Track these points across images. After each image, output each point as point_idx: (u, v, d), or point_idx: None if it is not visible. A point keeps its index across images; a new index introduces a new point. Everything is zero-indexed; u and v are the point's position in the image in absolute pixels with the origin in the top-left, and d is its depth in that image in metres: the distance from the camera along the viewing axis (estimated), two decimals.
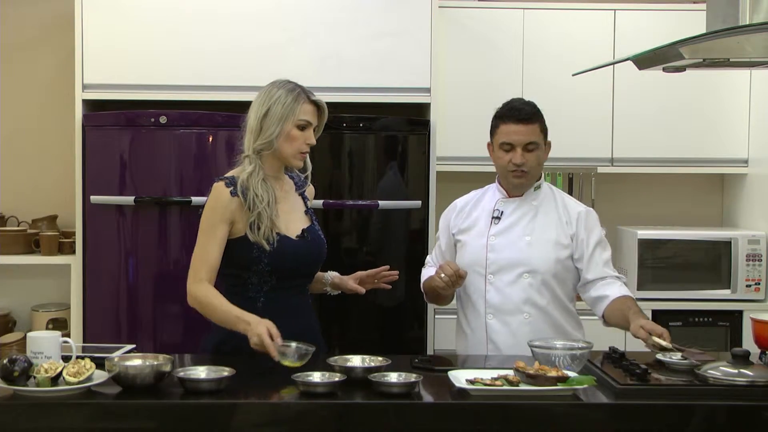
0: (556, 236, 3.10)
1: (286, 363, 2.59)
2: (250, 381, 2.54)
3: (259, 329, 2.63)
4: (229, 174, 2.89)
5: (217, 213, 2.81)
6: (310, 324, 2.95)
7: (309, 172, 3.01)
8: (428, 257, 3.39)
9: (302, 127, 2.87)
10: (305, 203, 3.00)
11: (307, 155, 2.94)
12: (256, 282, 2.85)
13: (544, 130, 3.12)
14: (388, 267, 3.08)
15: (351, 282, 3.05)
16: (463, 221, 3.21)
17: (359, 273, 3.08)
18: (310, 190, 3.08)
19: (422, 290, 3.26)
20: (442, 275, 2.97)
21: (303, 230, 2.90)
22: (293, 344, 2.61)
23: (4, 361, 2.36)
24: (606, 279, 3.09)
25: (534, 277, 3.06)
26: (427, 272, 3.26)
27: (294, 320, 2.85)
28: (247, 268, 2.83)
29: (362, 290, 3.04)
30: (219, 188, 2.84)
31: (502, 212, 3.14)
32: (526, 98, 4.49)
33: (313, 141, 2.90)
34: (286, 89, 2.88)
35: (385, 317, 4.20)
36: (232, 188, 2.82)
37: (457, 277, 2.97)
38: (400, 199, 4.19)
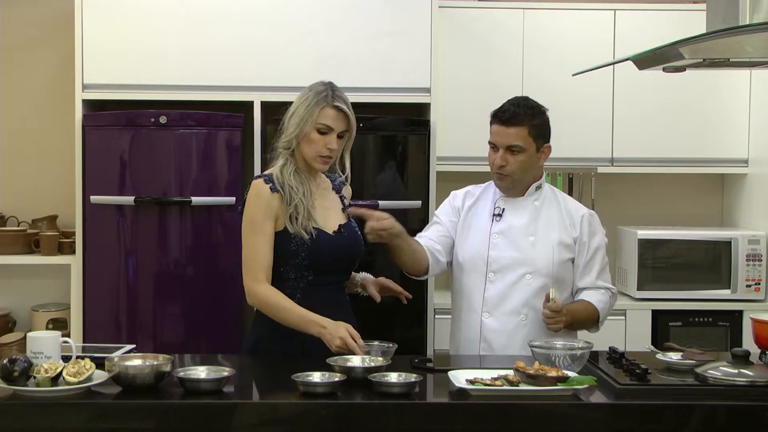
0: (560, 238, 3.08)
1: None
2: (250, 381, 2.54)
3: (340, 332, 2.68)
4: (265, 172, 2.94)
5: (262, 210, 2.84)
6: (348, 321, 2.91)
7: (344, 177, 3.02)
8: (423, 232, 3.24)
9: (322, 132, 2.87)
10: (342, 202, 3.02)
11: (345, 160, 2.94)
12: (293, 277, 2.87)
13: (535, 134, 3.03)
14: (410, 296, 3.06)
15: (371, 287, 3.05)
16: (467, 212, 3.17)
17: (382, 280, 3.06)
18: (348, 191, 3.10)
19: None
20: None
21: (340, 226, 2.93)
22: (375, 343, 2.66)
23: (4, 361, 2.36)
24: (592, 289, 3.09)
25: (536, 278, 3.04)
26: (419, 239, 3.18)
27: (331, 317, 2.85)
28: (285, 263, 2.86)
29: (378, 297, 3.03)
30: (259, 185, 2.87)
31: (504, 210, 3.12)
32: None
33: (334, 146, 2.87)
34: (315, 91, 2.90)
35: (385, 317, 4.20)
36: (271, 184, 2.86)
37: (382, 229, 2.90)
38: (400, 199, 4.19)
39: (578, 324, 3.07)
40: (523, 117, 3.02)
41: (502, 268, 3.07)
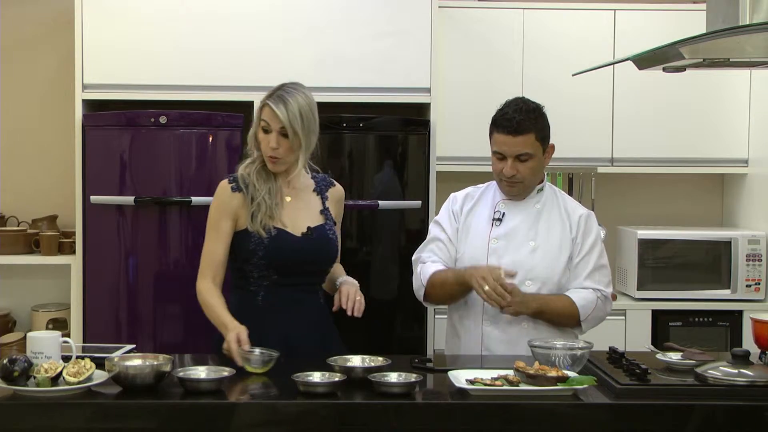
0: (560, 240, 3.02)
1: (250, 369, 2.61)
2: (250, 381, 2.54)
3: (229, 336, 2.69)
4: (236, 173, 2.95)
5: (219, 209, 2.90)
6: (316, 323, 2.94)
7: (330, 180, 3.03)
8: (427, 253, 3.12)
9: (265, 130, 2.88)
10: (323, 203, 3.00)
11: (300, 159, 2.88)
12: (256, 276, 2.88)
13: (542, 137, 2.98)
14: (357, 316, 2.87)
15: (337, 295, 2.93)
16: (466, 216, 3.09)
17: (344, 290, 2.92)
18: (336, 192, 3.06)
19: (423, 284, 3.04)
20: (485, 287, 2.83)
21: (309, 228, 2.91)
22: (257, 351, 2.62)
23: (4, 361, 2.36)
24: (578, 288, 3.01)
25: (536, 284, 2.98)
26: (433, 266, 3.05)
27: (295, 318, 2.87)
28: (247, 261, 2.87)
29: (335, 306, 2.90)
30: (222, 185, 2.93)
31: (504, 214, 3.05)
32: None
33: (274, 144, 2.85)
34: (269, 91, 2.92)
35: (385, 317, 4.20)
36: (234, 184, 2.89)
37: (503, 289, 2.83)
38: (400, 199, 4.19)
39: (551, 314, 2.96)
40: (530, 124, 2.94)
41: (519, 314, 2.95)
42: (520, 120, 2.93)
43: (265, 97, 2.91)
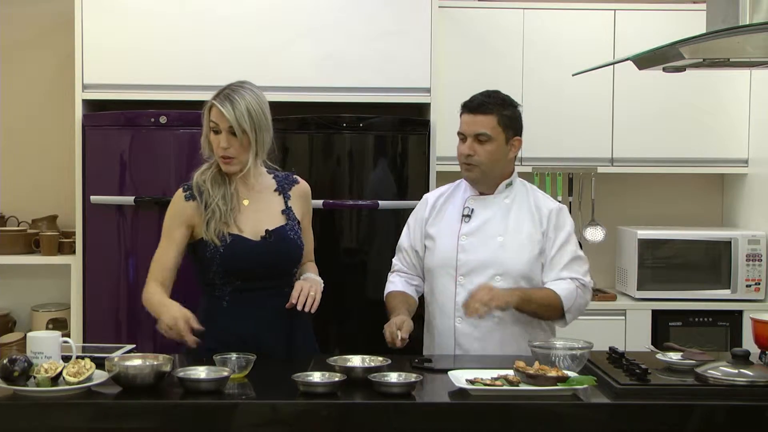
0: (530, 234, 3.01)
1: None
2: (249, 381, 2.54)
3: (174, 313, 2.69)
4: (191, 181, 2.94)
5: (172, 217, 2.91)
6: (285, 326, 2.90)
7: (294, 177, 3.01)
8: (395, 260, 3.24)
9: (215, 131, 2.87)
10: (286, 203, 2.97)
11: (250, 158, 2.85)
12: (219, 283, 2.87)
13: (504, 124, 3.00)
14: (311, 312, 2.86)
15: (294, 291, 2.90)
16: (436, 216, 3.12)
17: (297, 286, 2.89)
18: (300, 190, 3.04)
19: (384, 299, 3.16)
20: (386, 333, 2.91)
21: (267, 231, 2.88)
22: (234, 355, 2.60)
23: (4, 361, 2.36)
24: (563, 279, 3.00)
25: (505, 279, 2.98)
26: (393, 284, 3.17)
27: (262, 323, 2.85)
28: (208, 269, 2.86)
29: (288, 304, 2.85)
30: (177, 194, 2.94)
31: (473, 210, 3.06)
32: (527, 98, 4.57)
33: (224, 143, 2.83)
34: (214, 92, 2.90)
35: (385, 317, 4.20)
36: (188, 192, 2.89)
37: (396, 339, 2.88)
38: (400, 199, 4.19)
39: (535, 305, 2.94)
40: (492, 106, 2.99)
41: (471, 271, 3.00)
42: (484, 101, 3.00)
43: (211, 98, 2.88)
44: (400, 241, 3.22)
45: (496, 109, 2.99)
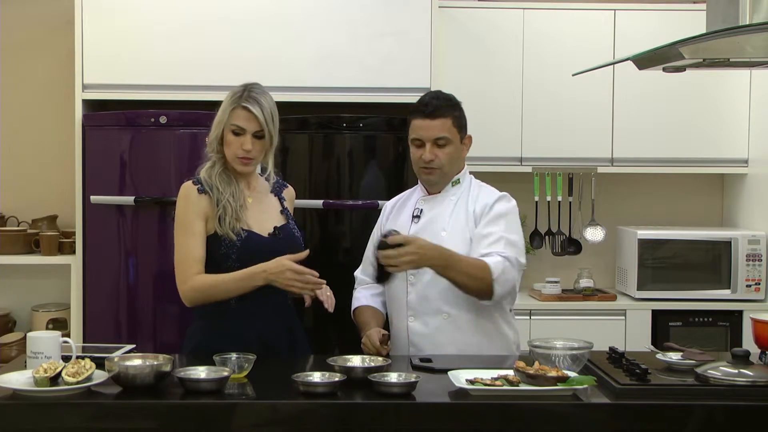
0: (465, 225, 2.98)
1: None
2: (249, 381, 2.54)
3: (284, 266, 2.70)
4: (198, 176, 2.94)
5: (190, 210, 2.85)
6: (288, 325, 2.94)
7: (268, 175, 2.99)
8: (359, 272, 3.23)
9: (236, 133, 2.86)
10: (281, 203, 3.01)
11: (268, 160, 2.91)
12: None
13: (459, 125, 2.99)
14: (330, 310, 2.84)
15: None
16: (392, 221, 3.12)
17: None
18: (290, 194, 3.08)
19: (352, 316, 3.13)
20: (373, 348, 2.85)
21: (275, 228, 2.91)
22: (233, 355, 2.59)
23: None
24: (488, 255, 2.90)
25: None
26: (358, 300, 3.14)
27: (268, 321, 2.87)
28: (218, 266, 2.84)
29: (308, 303, 2.89)
30: (187, 187, 2.90)
31: (422, 210, 3.06)
32: (527, 99, 4.57)
33: (249, 147, 2.85)
34: (232, 92, 2.90)
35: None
36: (199, 186, 2.88)
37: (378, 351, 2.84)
38: None
39: (461, 268, 2.83)
40: (446, 109, 2.97)
41: (420, 269, 2.94)
42: (437, 105, 2.97)
43: (233, 99, 2.87)
44: (366, 253, 3.21)
45: (449, 112, 2.98)
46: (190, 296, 2.83)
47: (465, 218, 3.00)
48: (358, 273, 3.25)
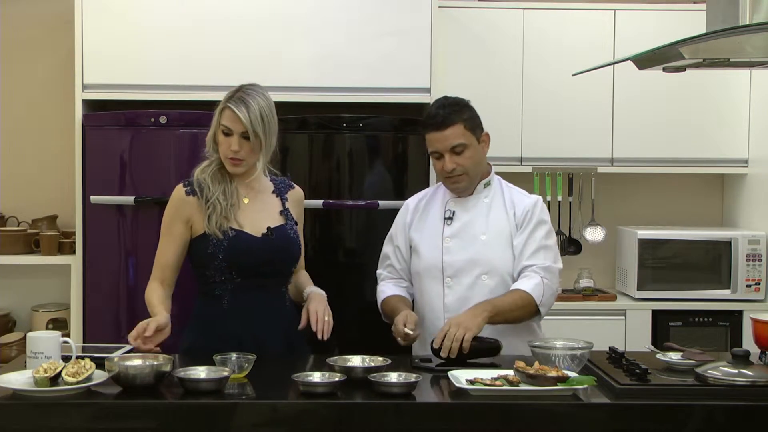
0: (508, 230, 3.01)
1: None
2: (249, 381, 2.54)
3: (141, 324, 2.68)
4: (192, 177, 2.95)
5: (172, 213, 2.91)
6: (283, 326, 2.93)
7: (289, 182, 3.03)
8: (381, 270, 3.23)
9: (225, 133, 2.88)
10: (283, 204, 3.00)
11: (259, 162, 2.90)
12: (218, 280, 2.87)
13: (471, 127, 3.00)
14: (324, 339, 2.85)
15: (304, 310, 2.93)
16: (418, 220, 3.13)
17: (312, 308, 2.91)
18: (296, 195, 3.07)
19: (380, 310, 3.15)
20: (400, 333, 2.88)
21: (268, 228, 2.90)
22: (233, 355, 2.60)
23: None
24: (526, 271, 2.96)
25: (492, 277, 2.99)
26: (384, 291, 3.15)
27: (262, 321, 2.87)
28: (207, 266, 2.86)
29: (302, 323, 2.89)
30: (177, 189, 2.94)
31: (454, 212, 3.07)
32: (527, 98, 4.57)
33: (235, 147, 2.85)
34: (227, 93, 2.91)
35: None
36: (188, 188, 2.90)
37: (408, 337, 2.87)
38: (400, 199, 4.17)
39: (506, 312, 2.89)
40: (455, 115, 2.98)
41: (458, 272, 3.00)
42: (444, 114, 2.98)
43: (224, 100, 2.89)
44: (384, 251, 3.22)
45: (458, 117, 2.98)
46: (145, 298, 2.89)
47: (507, 222, 3.03)
48: (378, 271, 3.25)
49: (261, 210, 2.94)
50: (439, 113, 2.99)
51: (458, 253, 3.02)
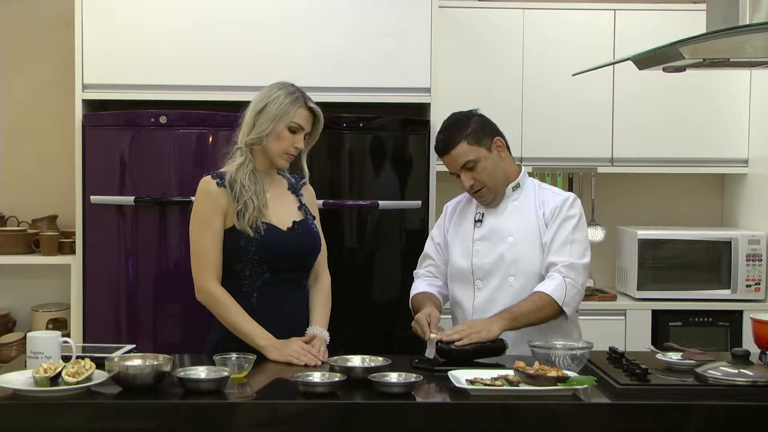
0: (537, 230, 3.03)
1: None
2: (249, 381, 2.54)
3: (287, 350, 2.75)
4: (219, 170, 2.95)
5: (209, 205, 2.87)
6: (303, 318, 2.97)
7: (305, 180, 3.09)
8: (418, 269, 3.28)
9: (293, 130, 2.92)
10: (299, 200, 3.04)
11: (302, 161, 3.02)
12: (248, 275, 2.88)
13: (476, 140, 3.01)
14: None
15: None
16: (454, 224, 3.19)
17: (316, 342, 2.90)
18: (308, 191, 3.11)
19: (410, 306, 3.17)
20: (419, 330, 2.91)
21: (294, 222, 2.94)
22: (233, 355, 2.60)
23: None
24: (551, 270, 2.96)
25: (518, 279, 3.01)
26: (416, 288, 3.20)
27: (289, 316, 2.90)
28: (237, 260, 2.87)
29: None
30: (206, 182, 2.91)
31: (483, 215, 3.10)
32: (527, 98, 4.57)
33: (301, 145, 2.95)
34: (287, 91, 2.95)
35: (385, 317, 4.20)
36: (218, 180, 2.89)
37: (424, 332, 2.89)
38: (400, 199, 4.19)
39: (527, 316, 2.89)
40: (455, 136, 3.01)
41: (486, 274, 3.04)
42: (444, 138, 3.04)
43: (294, 99, 2.92)
44: (426, 250, 3.27)
45: (458, 136, 3.01)
46: (201, 297, 2.89)
47: (536, 224, 3.04)
48: (415, 271, 3.29)
49: (282, 204, 2.98)
50: (440, 139, 3.06)
51: (486, 255, 3.05)
